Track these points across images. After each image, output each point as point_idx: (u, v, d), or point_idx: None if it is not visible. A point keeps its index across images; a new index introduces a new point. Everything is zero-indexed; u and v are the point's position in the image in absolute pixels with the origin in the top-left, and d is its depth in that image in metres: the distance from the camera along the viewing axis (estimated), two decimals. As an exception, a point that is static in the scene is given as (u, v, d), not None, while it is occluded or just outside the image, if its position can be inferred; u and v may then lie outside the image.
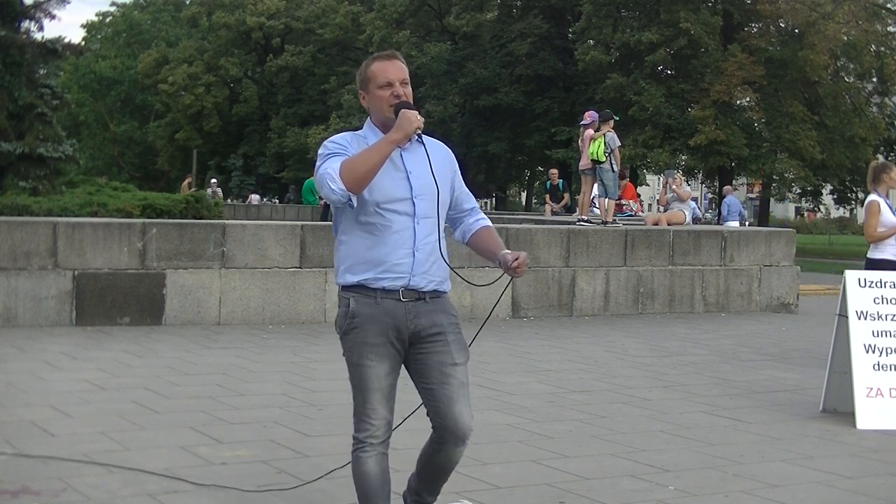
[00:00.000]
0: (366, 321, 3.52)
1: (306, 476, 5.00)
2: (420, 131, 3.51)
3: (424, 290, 3.56)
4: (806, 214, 69.83)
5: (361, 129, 3.68)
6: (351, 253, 3.56)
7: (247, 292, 10.47)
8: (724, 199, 22.73)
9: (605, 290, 12.45)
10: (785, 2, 33.70)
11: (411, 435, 5.71)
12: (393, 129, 3.46)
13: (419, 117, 3.48)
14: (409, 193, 3.53)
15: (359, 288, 3.54)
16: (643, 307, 12.69)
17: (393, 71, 3.56)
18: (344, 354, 3.62)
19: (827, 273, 22.04)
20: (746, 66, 32.60)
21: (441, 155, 3.68)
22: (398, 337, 3.55)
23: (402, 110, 3.48)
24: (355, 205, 3.47)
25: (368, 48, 42.72)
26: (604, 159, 14.27)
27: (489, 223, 3.83)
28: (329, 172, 3.41)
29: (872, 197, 8.49)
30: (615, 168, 14.54)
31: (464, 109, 40.24)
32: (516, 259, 3.57)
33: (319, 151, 3.55)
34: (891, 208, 8.48)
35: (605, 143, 14.23)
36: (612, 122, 14.64)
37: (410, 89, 3.61)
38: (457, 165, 3.80)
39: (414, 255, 3.52)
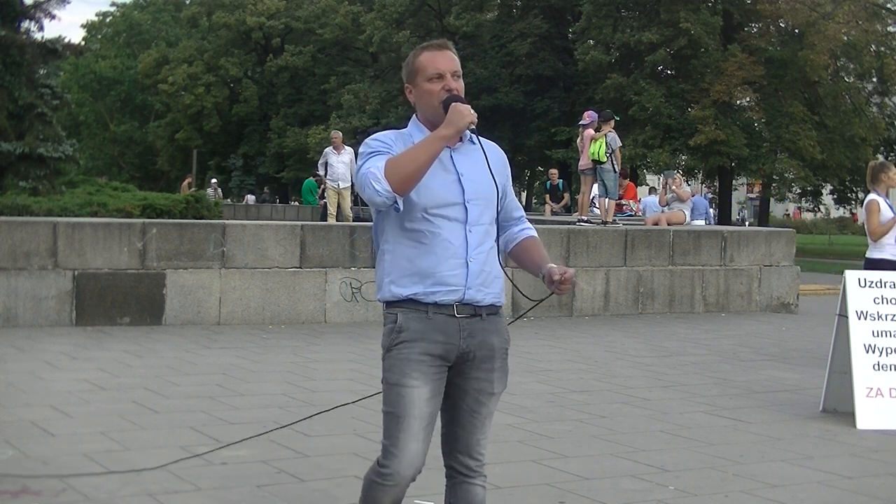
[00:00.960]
0: (415, 337, 3.15)
1: (306, 476, 5.00)
2: (474, 127, 3.18)
3: (481, 304, 3.22)
4: (792, 213, 69.72)
5: (406, 127, 3.35)
6: (397, 264, 3.20)
7: (247, 292, 10.47)
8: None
9: (605, 290, 12.45)
10: (785, 2, 33.68)
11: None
12: (443, 125, 3.12)
13: (472, 112, 3.14)
14: (461, 198, 3.19)
15: (408, 303, 3.18)
16: (643, 307, 12.68)
17: (444, 61, 3.23)
18: (383, 375, 3.23)
19: (827, 273, 22.05)
20: (746, 66, 32.58)
21: (497, 157, 3.34)
22: (445, 357, 3.19)
23: (454, 104, 3.14)
24: (401, 208, 3.13)
25: (368, 48, 42.73)
26: (605, 159, 14.27)
27: (535, 233, 3.49)
28: (373, 172, 3.06)
29: (872, 196, 8.53)
30: (616, 168, 14.55)
31: (464, 109, 40.18)
32: (563, 274, 3.23)
33: (360, 150, 3.22)
34: (890, 207, 8.52)
35: (606, 144, 14.23)
36: (612, 122, 14.64)
37: (462, 83, 3.26)
38: (509, 170, 3.46)
39: (467, 266, 3.17)
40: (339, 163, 17.74)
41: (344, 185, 17.54)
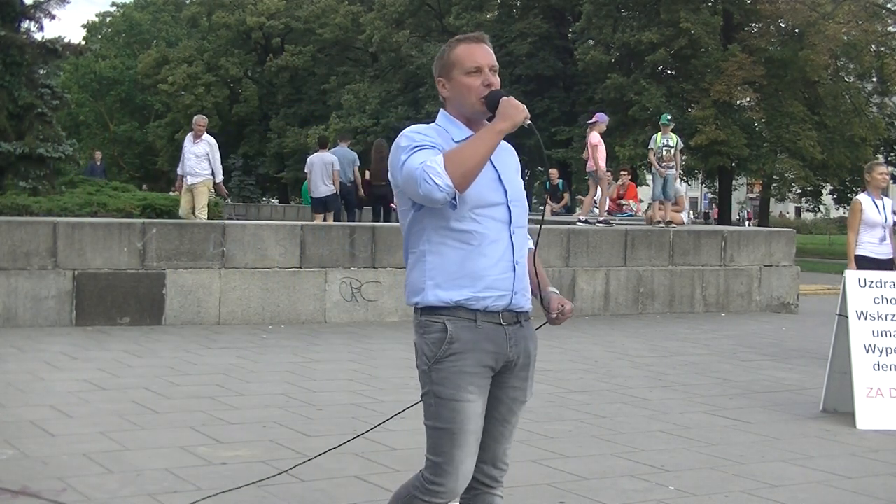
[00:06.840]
0: (467, 348, 2.97)
1: (306, 476, 5.00)
2: (530, 122, 3.02)
3: (522, 310, 3.08)
4: (779, 215, 69.85)
5: (435, 120, 3.16)
6: (442, 266, 3.00)
7: (247, 292, 10.47)
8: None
9: (605, 290, 12.45)
10: (785, 2, 33.66)
11: (411, 435, 5.71)
12: (498, 119, 2.95)
13: (524, 107, 3.01)
14: (503, 198, 3.05)
15: (455, 309, 2.99)
16: (643, 307, 12.68)
17: (482, 55, 3.06)
18: (429, 388, 3.01)
19: (827, 273, 22.04)
20: (746, 66, 32.56)
21: (517, 159, 3.24)
22: (494, 367, 3.04)
23: (505, 98, 2.98)
24: (458, 205, 2.94)
25: (368, 48, 42.67)
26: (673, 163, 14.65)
27: (532, 246, 3.27)
28: (431, 167, 2.83)
29: (858, 196, 9.08)
30: (678, 170, 14.97)
31: (464, 109, 40.18)
32: (562, 308, 3.16)
33: (400, 144, 2.99)
34: (877, 207, 8.71)
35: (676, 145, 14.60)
36: (671, 126, 14.99)
37: (498, 79, 3.10)
38: None
39: (514, 270, 3.04)
40: (190, 153, 14.45)
41: (194, 180, 14.38)
